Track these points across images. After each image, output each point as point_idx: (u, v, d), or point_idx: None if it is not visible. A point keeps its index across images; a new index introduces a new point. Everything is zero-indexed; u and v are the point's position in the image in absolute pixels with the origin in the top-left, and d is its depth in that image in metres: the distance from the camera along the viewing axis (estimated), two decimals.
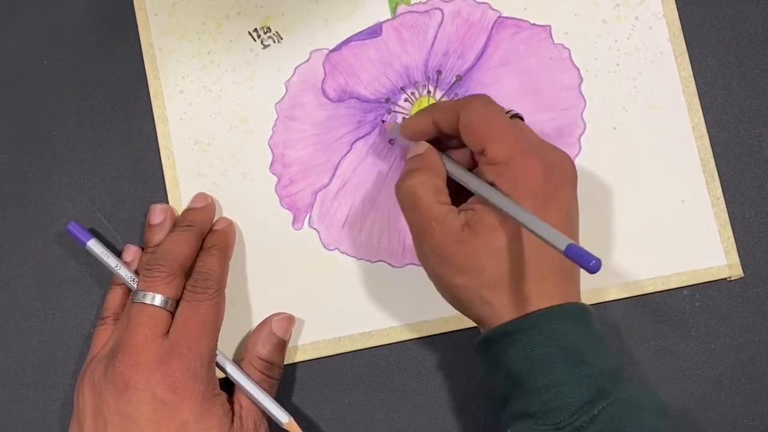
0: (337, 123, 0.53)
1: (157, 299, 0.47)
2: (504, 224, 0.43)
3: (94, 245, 0.51)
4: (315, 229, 0.53)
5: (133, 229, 0.53)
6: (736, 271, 0.52)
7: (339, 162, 0.53)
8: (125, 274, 0.50)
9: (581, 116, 0.53)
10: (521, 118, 0.47)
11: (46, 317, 0.52)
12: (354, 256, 0.52)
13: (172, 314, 0.47)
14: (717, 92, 0.54)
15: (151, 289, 0.47)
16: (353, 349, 0.52)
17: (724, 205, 0.52)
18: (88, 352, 0.49)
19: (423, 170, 0.46)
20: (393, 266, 0.52)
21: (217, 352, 0.48)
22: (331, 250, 0.53)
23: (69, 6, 0.55)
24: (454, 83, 0.53)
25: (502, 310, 0.43)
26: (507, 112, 0.46)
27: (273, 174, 0.53)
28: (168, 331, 0.47)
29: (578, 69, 0.53)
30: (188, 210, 0.52)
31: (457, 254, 0.43)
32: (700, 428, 0.51)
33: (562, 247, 0.39)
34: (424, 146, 0.47)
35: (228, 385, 0.49)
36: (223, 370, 0.49)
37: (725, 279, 0.52)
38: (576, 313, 0.43)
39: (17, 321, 0.52)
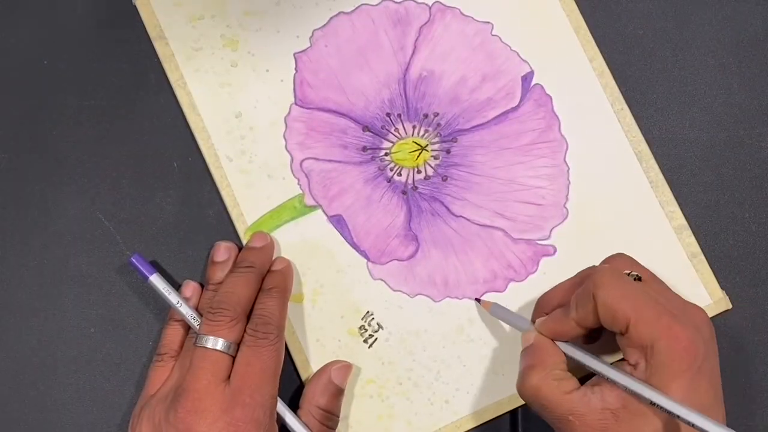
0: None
1: (220, 344, 0.46)
2: (648, 412, 0.42)
3: (156, 280, 0.50)
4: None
5: (133, 229, 0.53)
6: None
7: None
8: (186, 311, 0.49)
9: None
10: (640, 279, 0.46)
11: (46, 317, 0.52)
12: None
13: (234, 357, 0.47)
14: (717, 92, 0.54)
15: (214, 333, 0.47)
16: None
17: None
18: (144, 387, 0.49)
19: (539, 366, 0.45)
20: None
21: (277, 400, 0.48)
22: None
23: (69, 6, 0.54)
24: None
25: None
26: (629, 274, 0.46)
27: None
28: (229, 376, 0.46)
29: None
30: (248, 249, 0.51)
31: None
32: None
33: None
34: (532, 336, 0.46)
35: None
36: (282, 419, 0.48)
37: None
38: None
39: (17, 321, 0.52)
